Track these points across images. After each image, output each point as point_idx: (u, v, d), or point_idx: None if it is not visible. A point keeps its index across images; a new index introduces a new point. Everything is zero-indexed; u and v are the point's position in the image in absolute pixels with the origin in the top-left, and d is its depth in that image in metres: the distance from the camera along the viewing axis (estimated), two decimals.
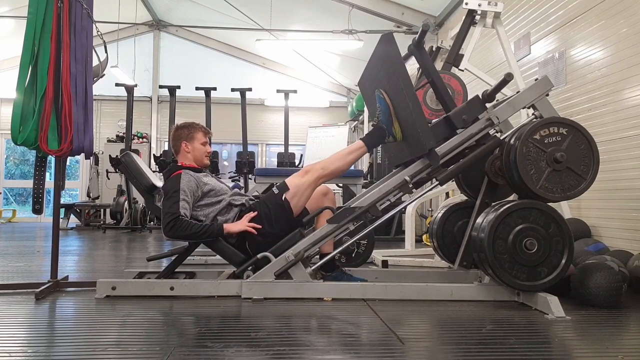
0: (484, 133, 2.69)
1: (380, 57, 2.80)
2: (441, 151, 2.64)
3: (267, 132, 11.23)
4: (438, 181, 2.61)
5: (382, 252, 4.20)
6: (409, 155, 2.75)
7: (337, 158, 2.83)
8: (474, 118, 2.69)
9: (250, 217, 2.73)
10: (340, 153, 2.86)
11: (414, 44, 2.92)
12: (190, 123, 3.00)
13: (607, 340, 1.97)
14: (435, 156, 2.59)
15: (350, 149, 2.86)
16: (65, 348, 1.78)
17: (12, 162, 11.85)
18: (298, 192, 2.76)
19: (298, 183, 2.77)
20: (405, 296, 2.55)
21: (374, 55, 2.87)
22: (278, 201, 2.76)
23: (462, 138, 2.67)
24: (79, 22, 2.71)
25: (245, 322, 2.18)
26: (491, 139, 2.66)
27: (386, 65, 2.72)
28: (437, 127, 2.74)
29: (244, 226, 2.70)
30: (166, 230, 2.66)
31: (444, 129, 2.73)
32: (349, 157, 2.83)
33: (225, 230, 2.68)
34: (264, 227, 2.72)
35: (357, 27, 7.68)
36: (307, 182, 2.76)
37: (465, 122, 2.68)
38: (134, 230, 7.73)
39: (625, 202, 3.43)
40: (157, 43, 11.31)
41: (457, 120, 2.69)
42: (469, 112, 2.69)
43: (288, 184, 2.79)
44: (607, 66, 3.62)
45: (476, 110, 2.71)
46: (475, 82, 4.81)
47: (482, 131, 2.69)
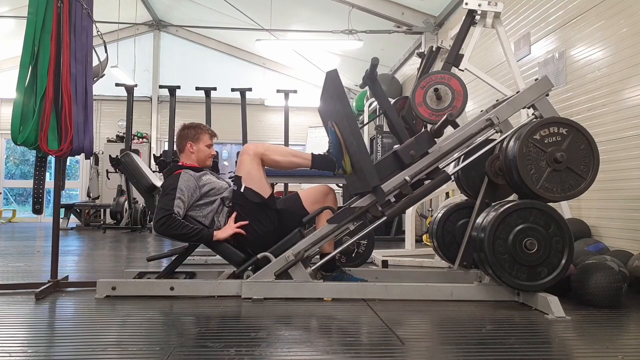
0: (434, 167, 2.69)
1: (329, 92, 2.81)
2: (388, 187, 2.64)
3: (267, 132, 11.22)
4: (386, 216, 2.62)
5: (382, 252, 4.21)
6: (360, 188, 2.76)
7: (281, 153, 2.86)
8: (422, 152, 2.70)
9: (232, 218, 2.76)
10: (287, 150, 2.93)
11: (367, 76, 2.97)
12: (198, 124, 3.01)
13: (607, 340, 1.97)
14: (381, 193, 2.60)
15: (297, 153, 2.91)
16: (65, 348, 1.78)
17: (12, 162, 11.85)
18: (251, 175, 2.77)
19: (247, 168, 2.78)
20: (405, 296, 2.55)
21: (324, 89, 2.87)
22: (240, 194, 2.78)
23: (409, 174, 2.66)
24: (79, 22, 2.71)
25: (245, 322, 2.18)
26: (440, 174, 2.67)
27: (334, 100, 2.72)
28: (384, 162, 2.76)
29: (232, 230, 2.71)
30: (157, 225, 2.66)
31: (393, 164, 2.74)
32: (291, 159, 2.85)
33: (215, 238, 2.69)
34: (250, 221, 2.73)
35: (357, 27, 7.68)
36: (250, 161, 2.77)
37: (413, 157, 2.69)
38: (134, 230, 7.73)
39: (625, 202, 3.43)
40: (157, 43, 11.31)
41: (405, 156, 2.70)
42: (417, 147, 2.70)
43: (238, 173, 2.81)
44: (607, 66, 3.62)
45: (424, 145, 2.72)
46: (475, 82, 4.82)
47: (481, 131, 2.70)
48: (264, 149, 2.81)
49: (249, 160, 2.78)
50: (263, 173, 2.81)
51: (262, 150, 2.80)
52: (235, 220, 2.75)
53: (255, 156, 2.78)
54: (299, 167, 2.91)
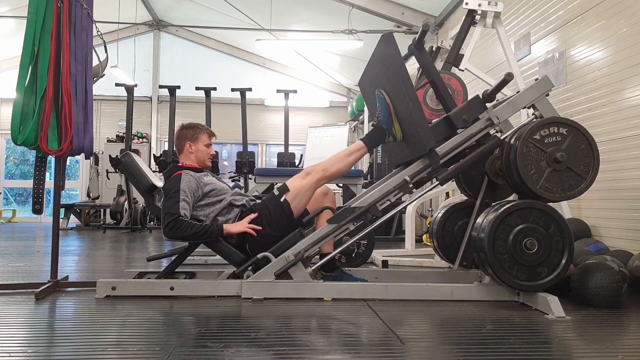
0: (485, 133, 2.69)
1: (380, 57, 2.80)
2: (441, 151, 2.64)
3: (267, 132, 11.23)
4: (438, 181, 2.61)
5: (382, 252, 4.20)
6: (409, 155, 2.75)
7: (338, 160, 2.83)
8: (474, 118, 2.69)
9: (250, 218, 2.74)
10: (340, 154, 2.86)
11: (414, 43, 2.92)
12: (196, 124, 3.01)
13: (607, 340, 1.97)
14: (435, 156, 2.59)
15: (350, 149, 2.86)
16: (65, 348, 1.78)
17: (12, 162, 11.85)
18: (299, 194, 2.76)
19: (299, 185, 2.77)
20: (405, 296, 2.55)
21: (374, 55, 2.87)
22: (278, 203, 2.76)
23: (462, 138, 2.67)
24: (79, 22, 2.71)
25: (245, 322, 2.18)
26: (491, 139, 2.66)
27: (386, 65, 2.71)
28: (437, 127, 2.74)
29: (244, 227, 2.70)
30: (166, 230, 2.66)
31: (444, 129, 2.73)
32: (350, 158, 2.83)
33: (225, 231, 2.69)
34: (264, 228, 2.72)
35: (357, 27, 7.68)
36: (308, 184, 2.77)
37: (465, 122, 2.68)
38: (134, 230, 7.73)
39: (625, 202, 3.43)
40: (157, 43, 11.31)
41: (458, 120, 2.69)
42: (469, 112, 2.69)
43: (289, 185, 2.79)
44: (607, 66, 3.62)
45: (476, 110, 2.71)
46: (475, 82, 4.82)
47: (482, 131, 2.69)
48: (323, 169, 2.79)
49: (307, 184, 2.76)
50: (309, 197, 2.80)
51: (321, 174, 2.77)
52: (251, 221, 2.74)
53: (316, 182, 2.77)
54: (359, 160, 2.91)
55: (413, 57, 2.99)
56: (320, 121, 10.64)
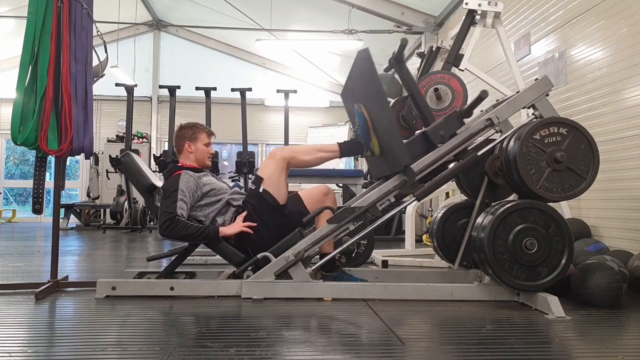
0: (463, 148, 2.68)
1: (357, 73, 2.80)
2: (418, 167, 2.64)
3: (267, 132, 11.22)
4: (415, 197, 2.61)
5: (382, 252, 4.20)
6: (387, 170, 2.76)
7: (308, 151, 2.86)
8: (451, 133, 2.70)
9: (242, 217, 2.75)
10: (312, 147, 2.90)
11: (394, 57, 2.94)
12: (195, 123, 3.01)
13: (607, 340, 1.97)
14: (411, 173, 2.59)
15: (323, 147, 2.88)
16: (65, 348, 1.78)
17: (12, 162, 11.85)
18: (273, 180, 2.76)
19: (269, 172, 2.78)
20: (405, 296, 2.55)
21: (352, 70, 2.86)
22: (258, 194, 2.77)
23: (439, 154, 2.66)
24: (79, 22, 2.71)
25: (245, 322, 2.18)
26: (469, 155, 2.65)
27: (363, 81, 2.71)
28: (413, 143, 2.75)
29: (240, 227, 2.70)
30: (162, 229, 2.66)
31: (421, 144, 2.74)
32: (320, 154, 2.84)
33: (221, 234, 2.69)
34: (257, 223, 2.73)
35: (357, 27, 7.68)
36: (276, 166, 2.77)
37: (442, 138, 2.69)
38: (134, 230, 7.73)
39: (625, 202, 3.43)
40: (157, 43, 11.30)
41: (435, 136, 2.70)
42: (447, 128, 2.70)
43: (261, 175, 2.80)
44: (607, 66, 3.62)
45: (453, 125, 2.72)
46: (475, 82, 4.81)
47: (480, 132, 2.69)
48: (291, 153, 2.81)
49: (273, 165, 2.77)
50: (284, 180, 2.80)
51: (288, 154, 2.80)
52: (244, 219, 2.75)
53: (281, 160, 2.77)
54: (328, 160, 2.89)
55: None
56: (320, 121, 10.63)
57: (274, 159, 2.78)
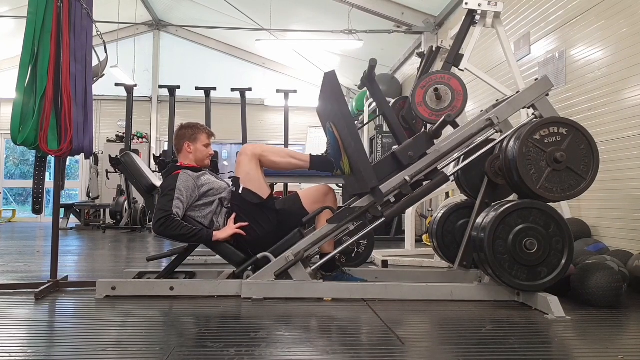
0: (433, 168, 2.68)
1: (326, 93, 2.80)
2: (387, 187, 2.63)
3: (267, 132, 11.22)
4: (384, 217, 2.61)
5: (382, 252, 4.21)
6: (358, 189, 2.76)
7: (280, 154, 2.89)
8: (421, 154, 2.70)
9: (232, 219, 2.75)
10: (285, 151, 2.95)
11: (366, 77, 2.98)
12: (195, 124, 3.01)
13: (607, 340, 1.97)
14: (379, 194, 2.59)
15: (295, 155, 2.93)
16: (65, 348, 1.78)
17: (12, 162, 11.85)
18: (249, 176, 2.78)
19: (244, 169, 2.79)
20: (405, 296, 2.55)
21: (322, 90, 2.87)
22: (238, 195, 2.78)
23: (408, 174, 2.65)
24: (79, 22, 2.71)
25: (245, 322, 2.18)
26: (438, 175, 2.66)
27: (332, 102, 2.72)
28: (383, 163, 2.76)
29: (232, 230, 2.71)
30: (156, 226, 2.66)
31: (391, 165, 2.74)
32: (290, 160, 2.87)
33: (215, 238, 2.69)
34: (249, 222, 2.73)
35: (357, 27, 7.67)
36: (248, 162, 2.78)
37: (411, 158, 2.69)
38: (134, 230, 7.73)
39: (625, 202, 3.43)
40: (157, 43, 11.31)
41: (404, 157, 2.70)
42: (415, 149, 2.71)
43: (237, 174, 2.82)
44: (607, 66, 3.62)
45: (422, 146, 2.72)
46: (475, 82, 4.82)
47: (481, 131, 2.70)
48: (262, 150, 2.82)
49: (247, 161, 2.78)
50: (261, 174, 2.81)
51: (259, 151, 2.81)
52: (234, 221, 2.75)
53: (253, 157, 2.79)
54: (297, 169, 2.92)
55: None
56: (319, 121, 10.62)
57: (246, 155, 2.80)
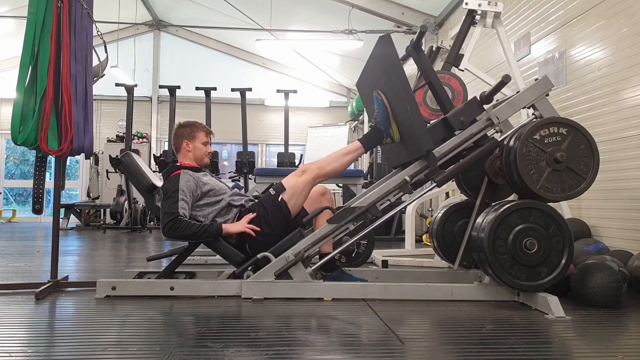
0: (483, 134, 2.68)
1: (378, 59, 2.80)
2: (439, 152, 2.64)
3: (267, 132, 11.23)
4: (436, 182, 2.60)
5: (382, 252, 4.20)
6: (407, 156, 2.75)
7: (335, 158, 2.83)
8: (471, 119, 2.69)
9: (249, 218, 2.73)
10: (337, 153, 2.85)
11: (412, 45, 2.92)
12: (193, 122, 3.00)
13: (607, 340, 1.97)
14: (433, 158, 2.59)
15: (347, 149, 2.86)
16: (65, 348, 1.78)
17: (12, 162, 11.85)
18: (295, 193, 2.75)
19: (295, 184, 2.76)
20: (405, 296, 2.55)
21: (371, 57, 2.86)
22: (275, 202, 2.75)
23: (460, 139, 2.67)
24: (79, 22, 2.71)
25: (245, 322, 2.18)
26: (489, 140, 2.65)
27: (384, 66, 2.71)
28: (434, 128, 2.74)
29: (243, 227, 2.69)
30: (165, 230, 2.66)
31: (442, 130, 2.73)
32: (346, 157, 2.83)
33: (224, 230, 2.68)
34: (262, 228, 2.71)
35: (357, 27, 7.68)
36: (304, 182, 2.76)
37: (463, 124, 2.68)
38: (134, 230, 7.73)
39: (625, 202, 3.43)
40: (157, 43, 11.31)
41: (455, 122, 2.69)
42: (467, 114, 2.69)
43: (285, 184, 2.78)
44: (607, 66, 3.62)
45: (474, 111, 2.71)
46: (475, 82, 4.81)
47: (481, 132, 2.69)
48: (319, 167, 2.78)
49: (303, 181, 2.75)
50: (306, 195, 2.79)
51: (317, 172, 2.76)
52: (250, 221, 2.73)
53: (312, 180, 2.76)
54: (356, 159, 2.89)
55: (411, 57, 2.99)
56: (320, 121, 10.63)
57: (307, 177, 2.75)
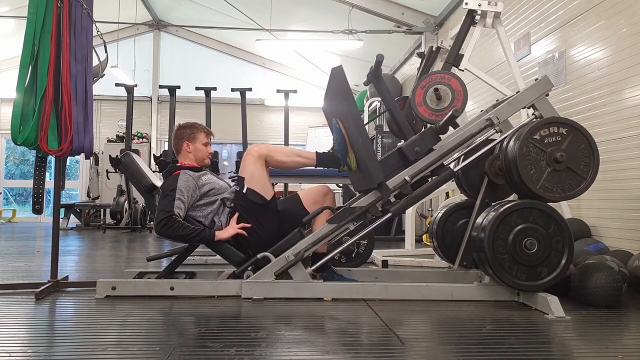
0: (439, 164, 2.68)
1: (333, 88, 2.81)
2: (394, 183, 2.63)
3: (267, 132, 11.22)
4: (390, 213, 2.61)
5: (382, 252, 4.21)
6: (364, 185, 2.76)
7: (286, 153, 2.88)
8: (427, 149, 2.71)
9: (234, 219, 2.75)
10: (292, 150, 2.92)
11: (372, 73, 2.96)
12: (193, 123, 3.01)
13: (607, 340, 1.97)
14: (385, 189, 2.59)
15: (302, 153, 2.91)
16: (65, 348, 1.78)
17: (12, 162, 11.85)
18: (254, 177, 2.77)
19: (250, 170, 2.78)
20: (405, 296, 2.55)
21: (328, 85, 2.88)
22: (243, 195, 2.77)
23: (415, 170, 2.66)
24: (79, 22, 2.71)
25: (245, 322, 2.18)
26: (445, 170, 2.66)
27: (338, 98, 2.72)
28: (389, 159, 2.76)
29: (235, 230, 2.71)
30: (158, 227, 2.66)
31: (397, 161, 2.75)
32: (296, 159, 2.87)
33: (217, 238, 2.69)
34: (250, 223, 2.72)
35: (357, 27, 7.67)
36: (254, 163, 2.77)
37: (418, 154, 2.69)
38: (134, 230, 7.73)
39: (625, 202, 3.43)
40: (157, 43, 11.31)
41: (410, 152, 2.71)
42: (422, 144, 2.71)
43: (242, 174, 2.81)
44: (607, 66, 3.62)
45: (429, 141, 2.73)
46: (475, 82, 4.82)
47: (481, 132, 2.70)
48: (268, 150, 2.82)
49: (252, 162, 2.78)
50: (266, 175, 2.82)
51: (265, 151, 2.81)
52: (237, 221, 2.75)
53: (259, 158, 2.78)
54: (303, 166, 2.92)
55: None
56: (320, 121, 10.62)
57: (252, 155, 2.79)
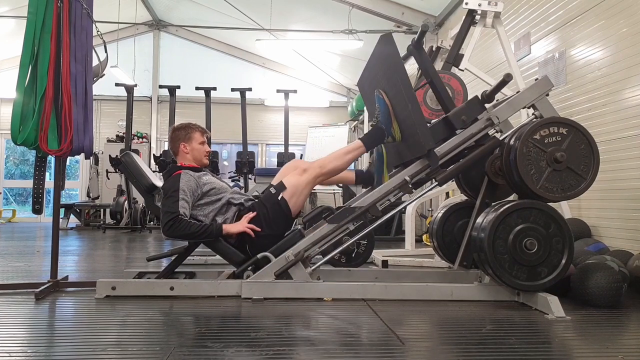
0: (484, 133, 2.69)
1: (379, 58, 2.80)
2: (440, 152, 2.64)
3: (267, 132, 11.22)
4: (437, 182, 2.61)
5: (382, 252, 4.20)
6: (408, 155, 2.75)
7: (335, 157, 2.83)
8: (473, 118, 2.69)
9: (249, 217, 2.72)
10: (338, 152, 2.85)
11: (413, 44, 2.92)
12: (187, 124, 3.00)
13: (607, 340, 1.97)
14: (434, 157, 2.59)
15: (348, 148, 2.86)
16: (65, 348, 1.78)
17: (12, 162, 11.85)
18: (296, 192, 2.75)
19: (296, 183, 2.76)
20: (405, 296, 2.55)
21: (373, 56, 2.87)
22: (276, 201, 2.74)
23: (461, 138, 2.67)
24: (79, 22, 2.71)
25: (245, 322, 2.18)
26: (490, 139, 2.66)
27: (385, 65, 2.71)
28: (436, 127, 2.74)
29: (243, 227, 2.69)
30: (165, 229, 2.66)
31: (443, 129, 2.73)
32: (347, 156, 2.83)
33: (225, 231, 2.68)
34: (262, 228, 2.71)
35: (357, 27, 7.68)
36: (306, 181, 2.75)
37: (464, 123, 2.68)
38: (134, 230, 7.73)
39: (625, 202, 3.43)
40: (157, 43, 11.30)
41: (456, 121, 2.69)
42: (468, 113, 2.70)
43: (285, 183, 2.77)
44: (607, 66, 3.62)
45: (475, 110, 2.71)
46: (475, 82, 4.81)
47: (482, 131, 2.70)
48: (320, 166, 2.78)
49: (304, 180, 2.75)
50: (307, 194, 2.80)
51: (318, 170, 2.77)
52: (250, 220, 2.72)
53: (314, 179, 2.76)
54: (357, 158, 2.88)
55: (412, 57, 2.99)
56: (320, 121, 10.64)
57: (308, 176, 2.75)
